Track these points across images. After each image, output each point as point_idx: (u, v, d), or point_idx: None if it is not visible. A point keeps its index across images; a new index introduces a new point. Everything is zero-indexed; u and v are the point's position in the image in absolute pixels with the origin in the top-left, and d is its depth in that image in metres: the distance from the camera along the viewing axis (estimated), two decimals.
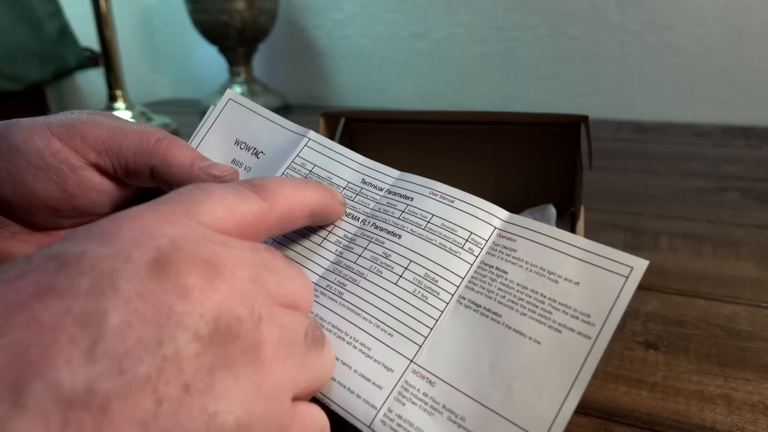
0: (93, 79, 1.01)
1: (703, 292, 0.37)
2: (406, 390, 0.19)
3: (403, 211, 0.24)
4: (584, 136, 0.34)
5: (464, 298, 0.21)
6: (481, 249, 0.22)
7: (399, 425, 0.19)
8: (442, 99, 1.00)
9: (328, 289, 0.23)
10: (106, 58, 0.76)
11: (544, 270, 0.20)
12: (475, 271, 0.22)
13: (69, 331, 0.12)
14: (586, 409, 0.27)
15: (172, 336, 0.13)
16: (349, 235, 0.24)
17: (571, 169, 0.38)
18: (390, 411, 0.19)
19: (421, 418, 0.19)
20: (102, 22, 0.74)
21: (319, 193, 0.22)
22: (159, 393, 0.12)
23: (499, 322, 0.20)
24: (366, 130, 0.42)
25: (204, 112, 0.29)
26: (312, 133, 0.27)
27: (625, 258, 0.19)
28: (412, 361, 0.20)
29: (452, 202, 0.23)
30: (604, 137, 0.78)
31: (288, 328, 0.16)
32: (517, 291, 0.20)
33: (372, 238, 0.23)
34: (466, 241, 0.22)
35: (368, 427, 0.19)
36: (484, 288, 0.21)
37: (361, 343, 0.21)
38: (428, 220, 0.23)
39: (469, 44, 0.95)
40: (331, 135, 0.39)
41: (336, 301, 0.22)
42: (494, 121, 0.38)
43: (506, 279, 0.21)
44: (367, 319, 0.21)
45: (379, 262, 0.22)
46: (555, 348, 0.19)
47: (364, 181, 0.26)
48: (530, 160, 0.39)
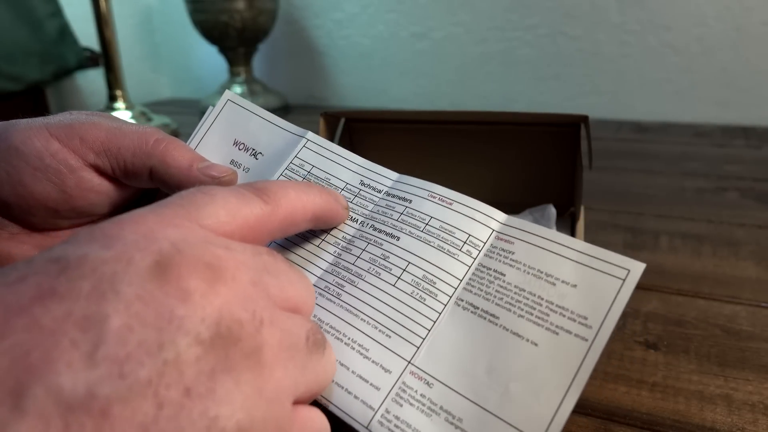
0: (93, 79, 1.01)
1: (703, 292, 0.37)
2: (404, 391, 0.20)
3: (402, 213, 0.24)
4: (584, 136, 0.34)
5: (462, 300, 0.21)
6: (479, 251, 0.22)
7: (396, 426, 0.19)
8: (442, 99, 1.00)
9: (326, 290, 0.23)
10: (106, 58, 0.76)
11: (542, 272, 0.20)
12: (473, 273, 0.22)
13: (70, 335, 0.12)
14: (586, 409, 0.27)
15: (173, 340, 0.13)
16: (348, 237, 0.24)
17: (571, 169, 0.38)
18: (388, 412, 0.19)
19: (419, 420, 0.19)
20: (102, 22, 0.74)
21: (322, 197, 0.22)
22: (160, 397, 0.12)
23: (497, 324, 0.20)
24: (366, 131, 0.42)
25: (204, 113, 0.29)
26: (310, 134, 0.27)
27: (623, 261, 0.19)
28: (409, 363, 0.20)
29: (450, 204, 0.23)
30: (604, 137, 0.78)
31: (289, 331, 0.16)
32: (515, 293, 0.20)
33: (370, 240, 0.23)
34: (464, 243, 0.22)
35: (366, 428, 0.19)
36: (482, 290, 0.21)
37: (359, 344, 0.21)
38: (426, 222, 0.23)
39: (469, 44, 0.95)
40: (331, 135, 0.39)
41: (334, 303, 0.22)
42: (494, 121, 0.38)
43: (504, 281, 0.21)
44: (365, 321, 0.21)
45: (377, 264, 0.23)
46: (552, 350, 0.19)
47: (363, 183, 0.26)
48: (530, 160, 0.39)
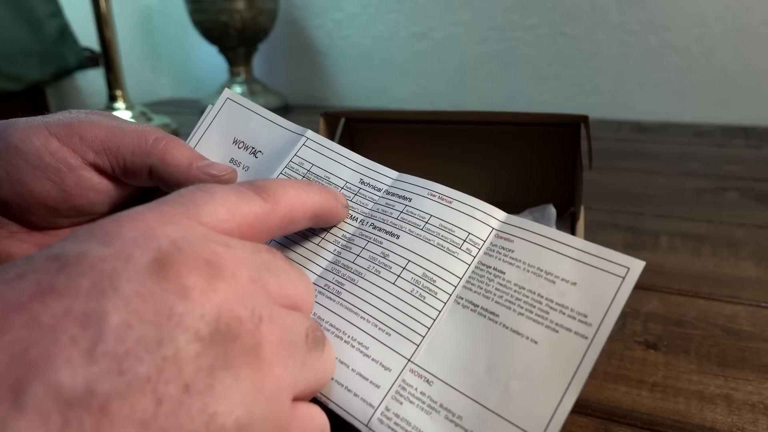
0: (93, 79, 1.01)
1: (703, 292, 0.37)
2: (404, 389, 0.20)
3: (402, 212, 0.24)
4: (584, 136, 0.34)
5: (462, 298, 0.21)
6: (479, 249, 0.22)
7: (396, 424, 0.19)
8: (442, 99, 1.00)
9: (326, 288, 0.23)
10: (106, 58, 0.76)
11: (542, 270, 0.20)
12: (473, 272, 0.22)
13: (69, 332, 0.12)
14: (586, 409, 0.27)
15: (172, 336, 0.13)
16: (348, 235, 0.24)
17: (571, 169, 0.38)
18: (387, 410, 0.19)
19: (419, 417, 0.19)
20: (102, 22, 0.74)
21: (321, 196, 0.22)
22: (159, 393, 0.12)
23: (497, 322, 0.20)
24: (366, 130, 0.42)
25: (203, 112, 0.29)
26: (310, 133, 0.27)
27: (622, 259, 0.19)
28: (409, 361, 0.20)
29: (450, 202, 0.23)
30: (604, 137, 0.78)
31: (289, 328, 0.16)
32: (515, 291, 0.20)
33: (370, 238, 0.23)
34: (464, 241, 0.22)
35: (366, 425, 0.19)
36: (482, 288, 0.21)
37: (359, 342, 0.21)
38: (426, 221, 0.23)
39: (469, 44, 0.95)
40: (331, 135, 0.39)
41: (334, 301, 0.22)
42: (494, 121, 0.38)
43: (504, 279, 0.21)
44: (365, 319, 0.21)
45: (377, 262, 0.23)
46: (552, 348, 0.19)
47: (362, 182, 0.26)
48: (530, 160, 0.39)
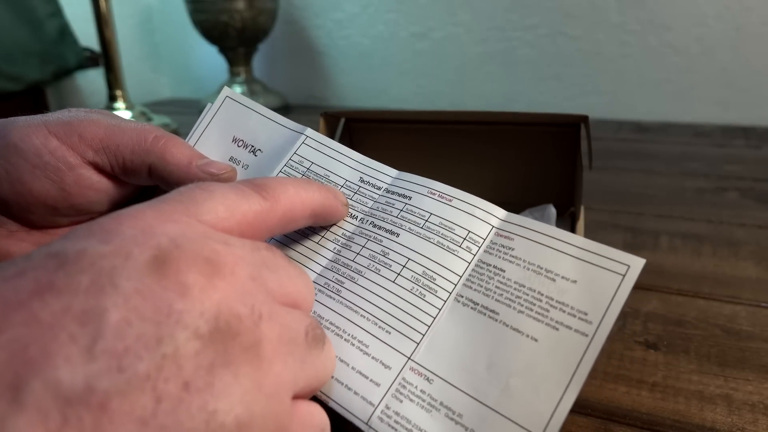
0: (93, 79, 1.01)
1: (703, 292, 0.37)
2: (404, 387, 0.19)
3: (402, 210, 0.24)
4: (584, 136, 0.34)
5: (462, 296, 0.21)
6: (479, 247, 0.22)
7: (397, 422, 0.19)
8: (442, 99, 1.00)
9: (326, 286, 0.23)
10: (106, 58, 0.76)
11: (542, 268, 0.20)
12: (473, 270, 0.22)
13: (68, 329, 0.12)
14: (586, 409, 0.27)
15: (172, 334, 0.13)
16: (348, 234, 0.24)
17: (571, 169, 0.38)
18: (388, 408, 0.19)
19: (419, 415, 0.19)
20: (102, 22, 0.74)
21: (321, 194, 0.22)
22: (158, 391, 0.12)
23: (497, 320, 0.20)
24: (366, 130, 0.42)
25: (203, 111, 0.29)
26: (309, 131, 0.27)
27: (622, 256, 0.19)
28: (409, 359, 0.20)
29: (450, 201, 0.23)
30: (604, 137, 0.78)
31: (288, 326, 0.16)
32: (515, 289, 0.20)
33: (370, 237, 0.23)
34: (464, 239, 0.22)
35: (366, 424, 0.19)
36: (482, 286, 0.21)
37: (359, 341, 0.21)
38: (426, 219, 0.23)
39: (469, 44, 0.95)
40: (331, 135, 0.39)
41: (334, 299, 0.22)
42: (494, 121, 0.38)
43: (504, 277, 0.21)
44: (365, 317, 0.21)
45: (377, 260, 0.22)
46: (552, 345, 0.19)
47: (362, 180, 0.26)
48: (530, 160, 0.39)
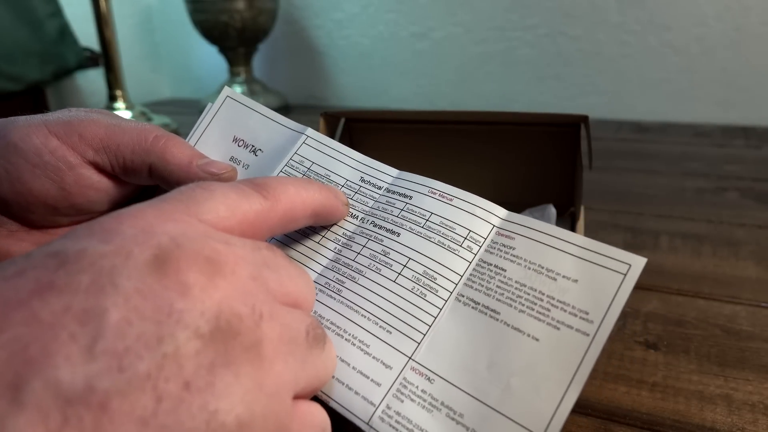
0: (93, 79, 1.01)
1: (703, 292, 0.37)
2: (405, 387, 0.19)
3: (402, 210, 0.24)
4: (584, 136, 0.34)
5: (463, 296, 0.21)
6: (480, 247, 0.22)
7: (398, 422, 0.19)
8: (442, 99, 1.00)
9: (326, 286, 0.23)
10: (106, 58, 0.76)
11: (543, 267, 0.20)
12: (474, 269, 0.22)
13: (68, 329, 0.12)
14: (586, 409, 0.27)
15: (173, 333, 0.13)
16: (348, 233, 0.24)
17: (571, 169, 0.38)
18: (388, 408, 0.19)
19: (420, 415, 0.19)
20: (102, 22, 0.74)
21: (321, 193, 0.21)
22: (159, 390, 0.12)
23: (498, 320, 0.20)
24: (366, 130, 0.41)
25: (203, 111, 0.29)
26: (310, 131, 0.27)
27: (623, 255, 0.19)
28: (410, 359, 0.20)
29: (451, 200, 0.23)
30: (604, 137, 0.78)
31: (289, 326, 0.16)
32: (516, 288, 0.20)
33: (371, 236, 0.23)
34: (465, 239, 0.22)
35: (367, 424, 0.19)
36: (483, 285, 0.21)
37: (360, 341, 0.21)
38: (427, 218, 0.23)
39: (469, 44, 0.95)
40: (331, 135, 0.39)
41: (335, 299, 0.22)
42: (494, 121, 0.38)
43: (505, 276, 0.21)
44: (365, 317, 0.21)
45: (377, 260, 0.22)
46: (553, 345, 0.19)
47: (363, 180, 0.26)
48: (530, 160, 0.39)
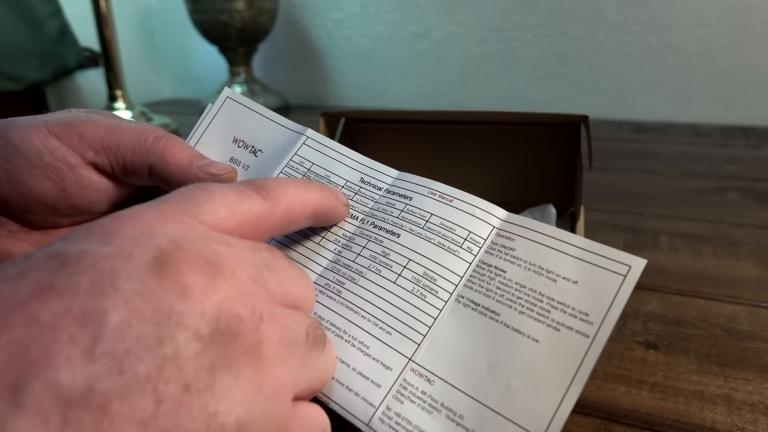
0: (93, 79, 1.01)
1: (703, 292, 0.37)
2: (405, 388, 0.19)
3: (402, 211, 0.24)
4: (584, 136, 0.34)
5: (463, 297, 0.21)
6: (480, 248, 0.22)
7: (398, 423, 0.19)
8: (442, 99, 1.00)
9: (326, 287, 0.23)
10: (106, 58, 0.76)
11: (543, 269, 0.20)
12: (474, 270, 0.22)
13: (68, 330, 0.12)
14: (586, 409, 0.27)
15: (172, 335, 0.13)
16: (348, 234, 0.24)
17: (571, 169, 0.38)
18: (388, 409, 0.19)
19: (420, 416, 0.19)
20: (102, 22, 0.74)
21: (322, 194, 0.22)
22: (159, 392, 0.12)
23: (498, 321, 0.20)
24: (366, 130, 0.41)
25: (203, 112, 0.29)
26: (310, 131, 0.27)
27: (624, 257, 0.19)
28: (410, 360, 0.20)
29: (451, 201, 0.23)
30: (604, 137, 0.78)
31: (289, 327, 0.16)
32: (516, 290, 0.20)
33: (371, 237, 0.23)
34: (465, 240, 0.22)
35: (367, 425, 0.19)
36: (483, 287, 0.21)
37: (360, 342, 0.21)
38: (427, 219, 0.23)
39: (469, 44, 0.95)
40: (331, 135, 0.39)
41: (335, 300, 0.22)
42: (494, 121, 0.38)
43: (505, 278, 0.21)
44: (365, 318, 0.21)
45: (377, 261, 0.22)
46: (553, 346, 0.19)
47: (363, 180, 0.26)
48: (530, 160, 0.39)
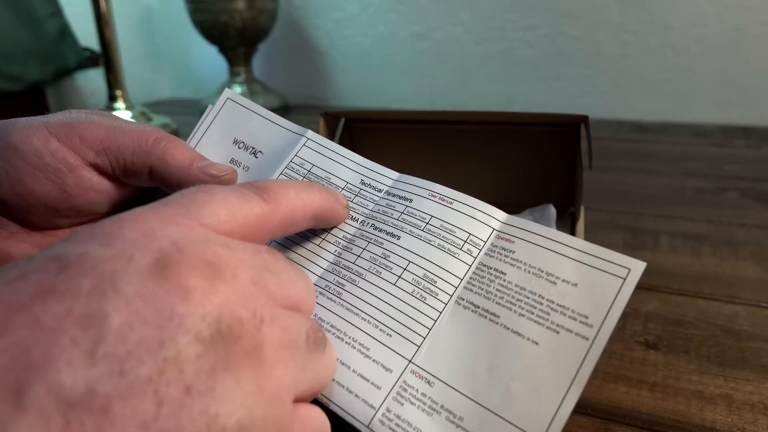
0: (93, 79, 1.01)
1: (703, 292, 0.37)
2: (405, 390, 0.20)
3: (402, 213, 0.24)
4: (584, 136, 0.34)
5: (463, 299, 0.21)
6: (480, 250, 0.22)
7: (398, 425, 0.19)
8: (442, 99, 1.00)
9: (326, 289, 0.23)
10: (106, 58, 0.76)
11: (543, 271, 0.20)
12: (474, 272, 0.22)
13: (70, 333, 0.12)
14: (586, 409, 0.27)
15: (174, 337, 0.13)
16: (348, 236, 0.24)
17: (571, 169, 0.38)
18: (389, 411, 0.19)
19: (420, 418, 0.19)
20: (102, 22, 0.74)
21: (322, 196, 0.22)
22: (160, 395, 0.12)
23: (498, 323, 0.20)
24: (366, 130, 0.42)
25: (204, 112, 0.29)
26: (310, 133, 0.27)
27: (623, 260, 0.19)
28: (410, 362, 0.20)
29: (451, 203, 0.23)
30: (604, 137, 0.78)
31: (289, 330, 0.16)
32: (516, 292, 0.20)
33: (371, 239, 0.23)
34: (465, 242, 0.22)
35: (367, 427, 0.19)
36: (483, 289, 0.21)
37: (360, 343, 0.21)
38: (427, 222, 0.23)
39: (469, 44, 0.95)
40: (331, 135, 0.39)
41: (335, 302, 0.22)
42: (494, 121, 0.38)
43: (504, 280, 0.21)
44: (365, 320, 0.21)
45: (377, 263, 0.22)
46: (553, 349, 0.19)
47: (363, 182, 0.26)
48: (530, 160, 0.39)
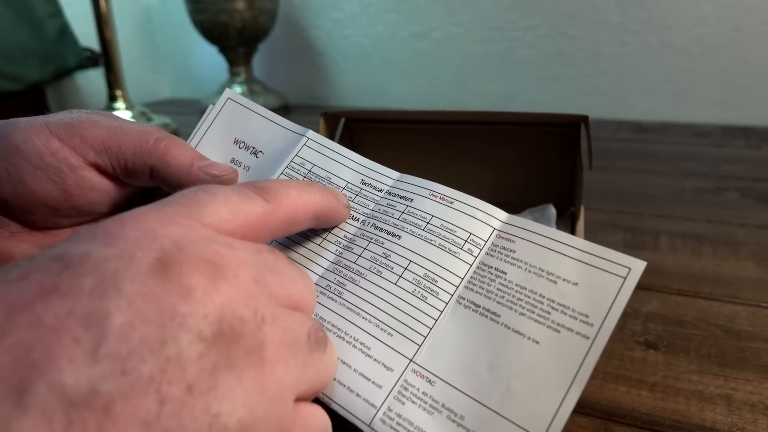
0: (93, 79, 1.01)
1: (703, 292, 0.37)
2: (406, 389, 0.20)
3: (403, 212, 0.24)
4: (584, 136, 0.34)
5: (463, 298, 0.21)
6: (480, 249, 0.22)
7: (399, 424, 0.19)
8: (442, 99, 1.00)
9: (327, 288, 0.23)
10: (106, 58, 0.76)
11: (543, 271, 0.21)
12: (475, 272, 0.22)
13: (72, 332, 0.12)
14: (586, 409, 0.27)
15: (175, 337, 0.13)
16: (349, 236, 0.24)
17: (571, 169, 0.38)
18: (390, 410, 0.19)
19: (421, 417, 0.19)
20: (102, 22, 0.74)
21: (323, 196, 0.22)
22: (162, 394, 0.12)
23: (498, 322, 0.20)
24: (366, 130, 0.42)
25: (204, 112, 0.29)
26: (311, 133, 0.27)
27: (623, 259, 0.19)
28: (411, 361, 0.20)
29: (451, 203, 0.23)
30: (604, 137, 0.78)
31: (291, 329, 0.16)
32: (516, 291, 0.20)
33: (372, 239, 0.23)
34: (466, 241, 0.22)
35: (368, 426, 0.19)
36: (483, 288, 0.21)
37: (361, 343, 0.21)
38: (428, 221, 0.23)
39: (469, 44, 0.95)
40: (331, 135, 0.39)
41: (336, 301, 0.22)
42: (494, 121, 0.38)
43: (505, 279, 0.21)
44: (366, 319, 0.21)
45: (378, 263, 0.23)
46: (554, 348, 0.19)
47: (364, 182, 0.26)
48: (530, 160, 0.39)
